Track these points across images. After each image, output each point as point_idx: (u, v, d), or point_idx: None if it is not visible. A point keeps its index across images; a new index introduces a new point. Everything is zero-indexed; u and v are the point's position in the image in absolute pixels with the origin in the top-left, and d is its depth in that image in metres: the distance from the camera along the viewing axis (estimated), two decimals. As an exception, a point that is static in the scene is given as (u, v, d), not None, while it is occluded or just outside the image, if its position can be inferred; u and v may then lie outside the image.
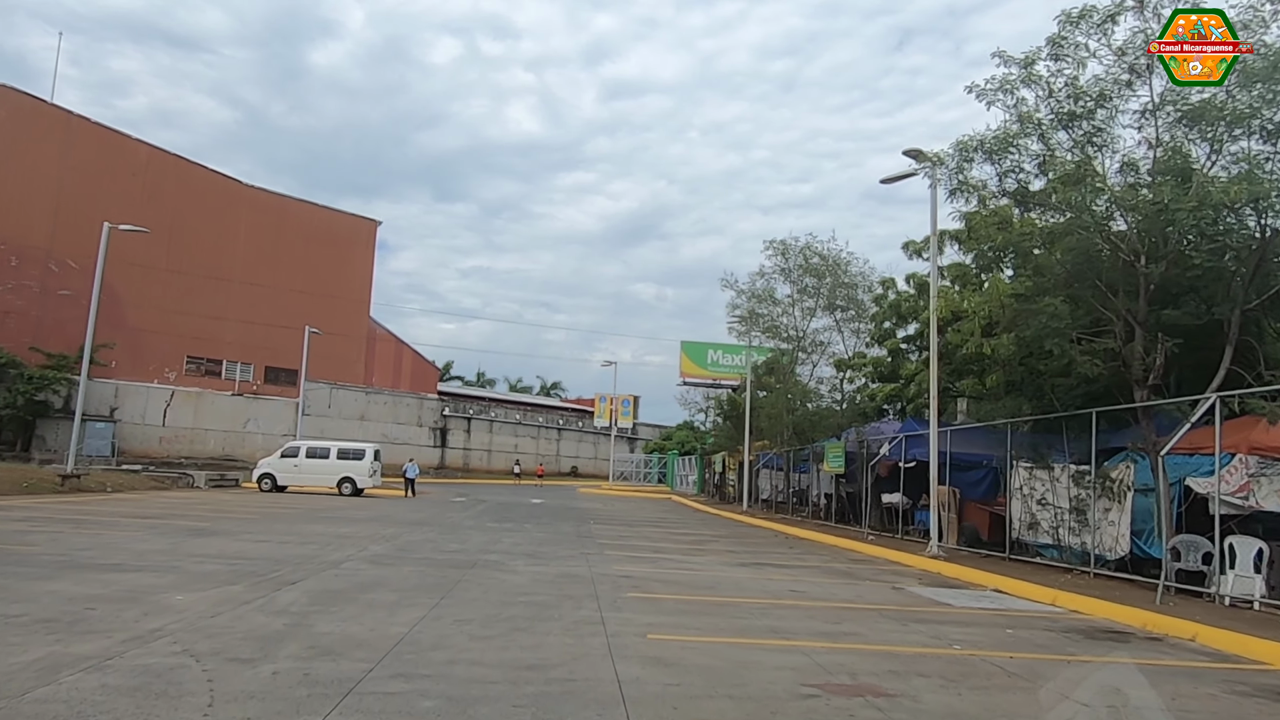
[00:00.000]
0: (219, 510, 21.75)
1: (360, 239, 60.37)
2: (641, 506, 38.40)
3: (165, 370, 51.81)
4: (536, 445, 70.20)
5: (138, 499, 24.40)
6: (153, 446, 50.92)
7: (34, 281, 47.66)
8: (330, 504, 27.31)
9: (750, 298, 34.10)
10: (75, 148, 48.53)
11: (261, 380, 55.54)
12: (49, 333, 47.13)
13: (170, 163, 52.44)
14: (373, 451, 33.40)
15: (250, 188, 55.84)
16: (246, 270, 54.21)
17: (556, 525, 22.88)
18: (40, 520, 16.43)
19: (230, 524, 17.63)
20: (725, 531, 24.47)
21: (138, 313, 50.35)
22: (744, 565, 15.14)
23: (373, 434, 58.83)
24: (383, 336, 62.64)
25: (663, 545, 18.42)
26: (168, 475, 32.29)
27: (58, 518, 17.10)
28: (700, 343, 49.01)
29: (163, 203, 51.29)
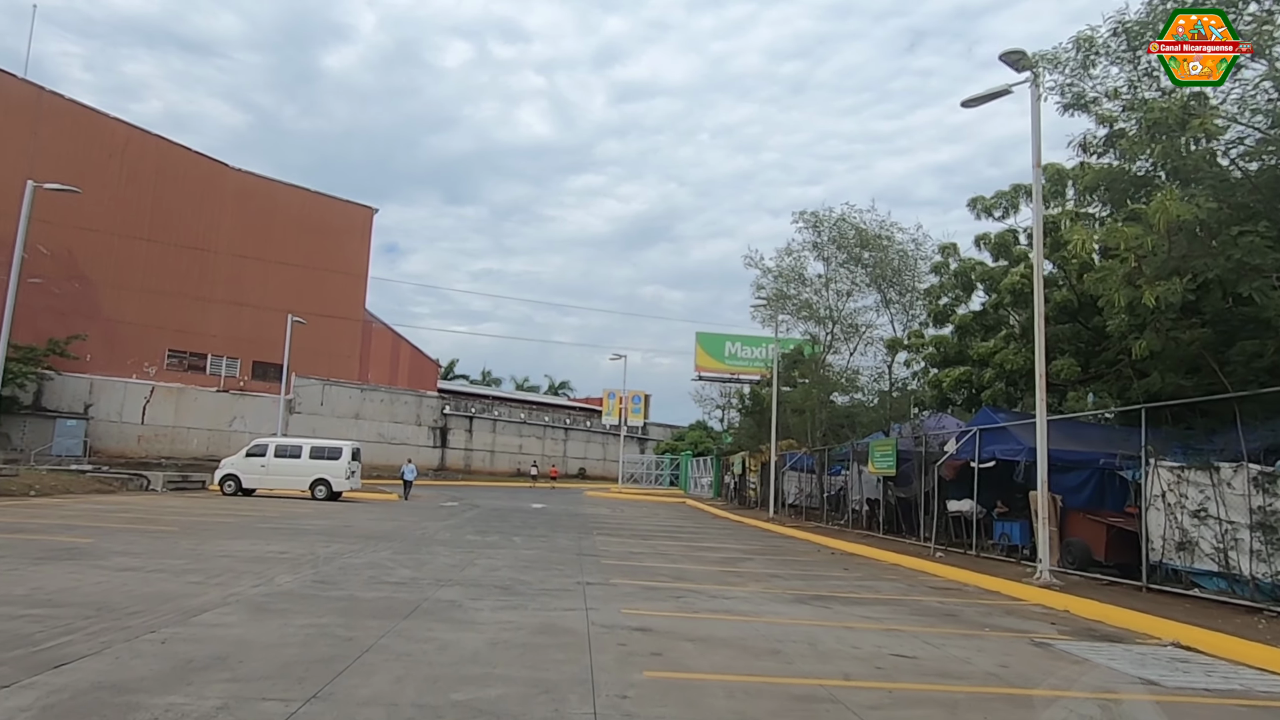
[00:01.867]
0: (141, 519, 17.57)
1: (355, 227, 56.34)
2: (654, 512, 34.11)
3: (144, 365, 47.84)
4: (542, 446, 65.97)
5: (55, 504, 20.27)
6: (130, 446, 46.92)
7: (1, 269, 43.70)
8: (290, 510, 23.10)
9: (777, 277, 29.91)
10: (46, 125, 44.63)
11: (249, 376, 51.55)
12: (18, 323, 42.95)
13: (150, 143, 48.52)
14: (350, 450, 29.19)
15: (237, 171, 51.85)
16: (232, 259, 50.26)
17: (552, 538, 18.62)
18: None
19: (125, 540, 13.44)
20: (757, 544, 20.16)
21: (114, 303, 46.44)
22: (801, 601, 10.83)
23: (368, 433, 54.74)
24: (379, 331, 58.58)
25: (685, 567, 14.13)
26: (119, 477, 28.20)
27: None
28: (717, 334, 44.78)
29: (142, 185, 47.43)
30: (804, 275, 29.15)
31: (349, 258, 55.48)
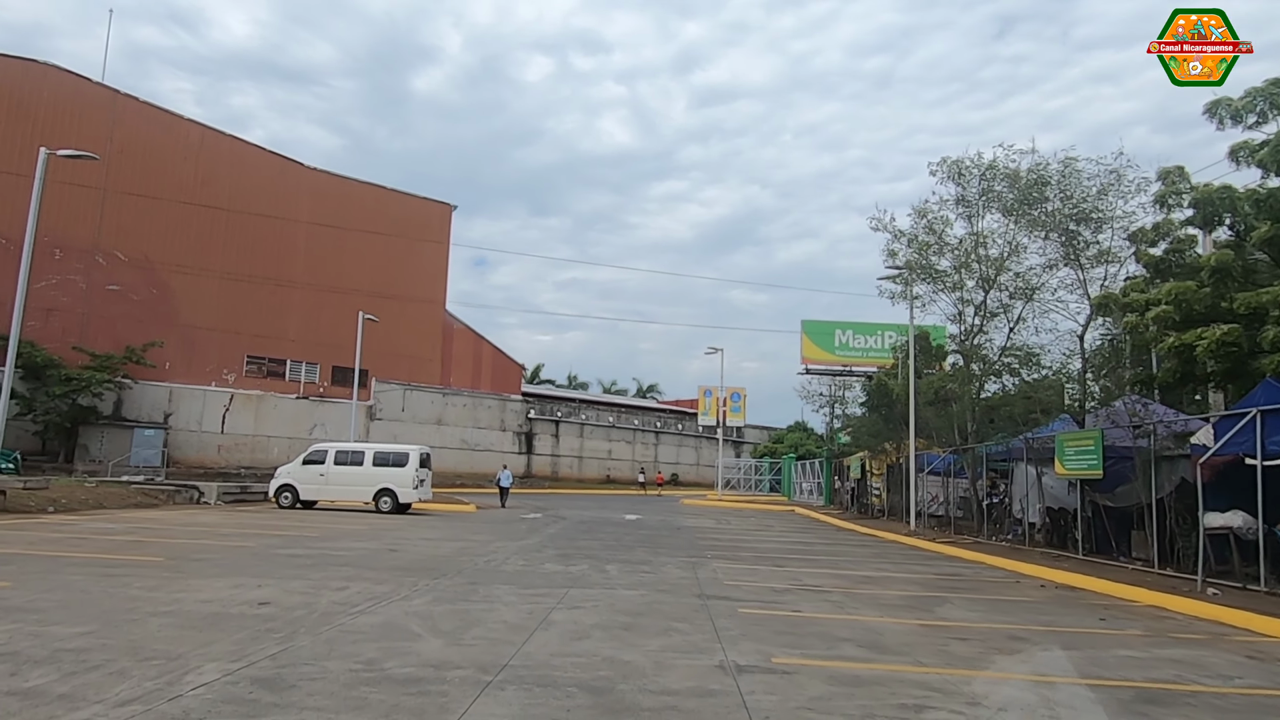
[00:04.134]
0: (127, 546, 13.66)
1: (433, 225, 53.11)
2: (765, 523, 29.03)
3: (223, 372, 45.46)
4: (632, 450, 61.48)
5: (56, 524, 16.67)
6: (210, 455, 44.57)
7: (79, 276, 41.92)
8: (339, 528, 19.06)
9: (910, 242, 24.51)
10: (122, 128, 42.73)
11: (329, 381, 48.71)
12: (96, 331, 41.32)
13: (225, 144, 46.26)
14: (419, 456, 25.14)
15: (311, 170, 49.23)
16: (309, 260, 47.56)
17: (658, 565, 13.88)
18: None
19: (45, 587, 9.34)
20: (927, 571, 14.95)
21: (192, 308, 44.19)
22: (1135, 712, 5.76)
23: (451, 439, 51.36)
24: (460, 332, 55.21)
25: (867, 619, 9.16)
26: (167, 489, 24.88)
27: None
28: (825, 322, 39.39)
29: (218, 187, 45.14)
30: (944, 237, 23.67)
31: (428, 256, 52.28)
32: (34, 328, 39.13)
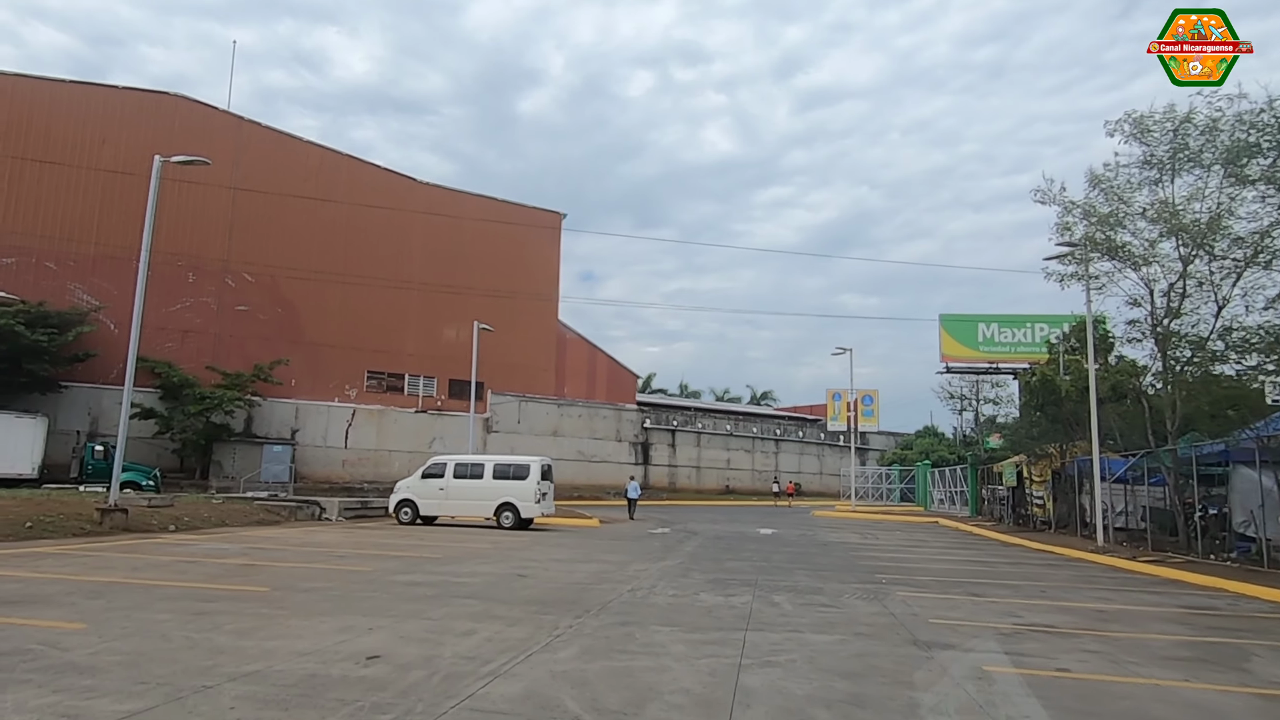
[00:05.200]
0: (232, 573, 12.28)
1: (544, 234, 52.21)
2: (917, 538, 25.95)
3: (346, 387, 45.62)
4: (751, 460, 58.71)
5: (172, 544, 15.67)
6: (335, 470, 44.72)
7: (211, 298, 42.87)
8: (461, 547, 17.45)
9: (1084, 216, 21.18)
10: (248, 154, 43.59)
11: (446, 395, 48.29)
12: (227, 350, 42.05)
13: (343, 163, 46.68)
14: (540, 468, 23.46)
15: (425, 185, 49.18)
16: (425, 275, 47.32)
17: (832, 594, 11.44)
18: None
19: (122, 627, 7.80)
20: (1173, 604, 11.91)
21: (315, 326, 44.56)
22: None
23: (567, 450, 50.05)
24: (574, 341, 54.02)
25: (1174, 684, 6.52)
26: (288, 505, 24.10)
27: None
28: (967, 316, 35.75)
29: (336, 206, 45.47)
30: (1130, 204, 20.26)
31: (540, 265, 51.38)
32: (171, 349, 40.18)
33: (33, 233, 37.91)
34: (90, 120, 39.69)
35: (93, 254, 39.08)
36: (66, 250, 38.73)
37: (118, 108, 40.50)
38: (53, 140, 38.76)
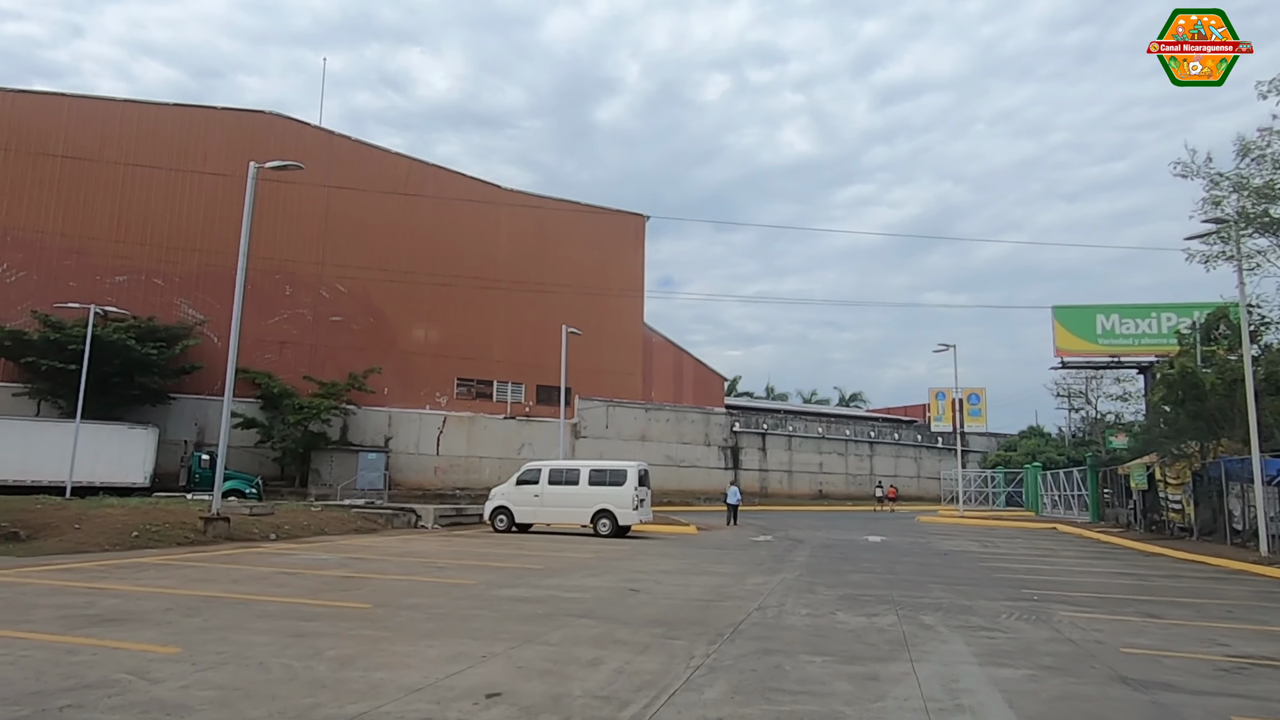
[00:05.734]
0: (332, 587, 11.68)
1: (628, 237, 51.51)
2: (1041, 545, 23.88)
3: (436, 395, 45.84)
4: (845, 463, 56.55)
5: (273, 554, 15.30)
6: (427, 477, 44.93)
7: (306, 309, 43.73)
8: (561, 556, 16.60)
9: (1235, 188, 18.97)
10: (338, 168, 44.32)
11: (534, 401, 48.05)
12: (323, 360, 42.74)
13: (429, 173, 47.04)
14: (637, 473, 22.51)
15: (509, 191, 49.16)
16: (510, 280, 47.19)
17: (985, 614, 10.04)
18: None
19: (218, 651, 7.11)
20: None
21: (406, 334, 44.98)
22: None
23: (655, 455, 49.07)
24: (660, 345, 53.13)
25: None
26: (384, 513, 23.84)
27: None
28: (1083, 307, 33.17)
29: (422, 216, 45.86)
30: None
31: (624, 269, 50.69)
32: (271, 360, 41.05)
33: (141, 251, 39.27)
34: (192, 141, 40.94)
35: (196, 269, 40.24)
36: (172, 266, 40.00)
37: (216, 128, 41.68)
38: (158, 161, 40.13)
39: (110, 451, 33.34)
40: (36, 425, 33.74)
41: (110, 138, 39.53)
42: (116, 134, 39.74)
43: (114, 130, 39.78)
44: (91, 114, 39.93)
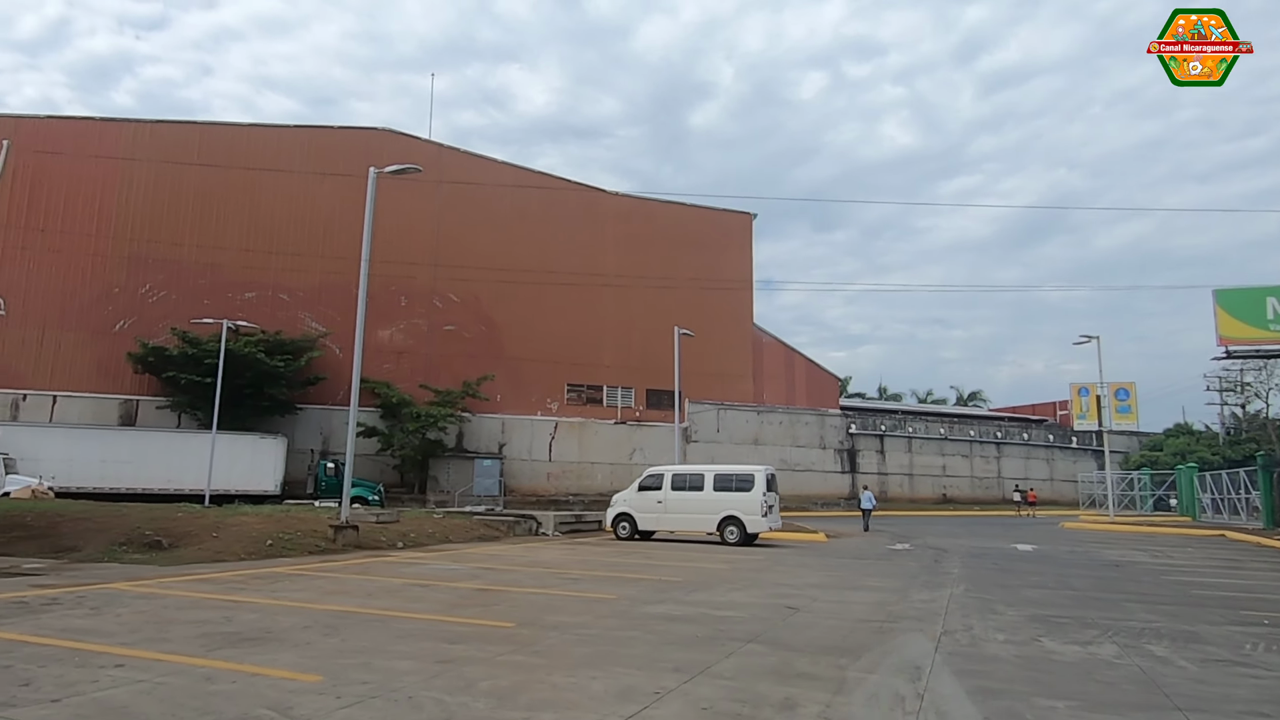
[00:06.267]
0: (468, 601, 11.00)
1: (734, 236, 50.28)
2: (1222, 556, 21.20)
3: (547, 401, 45.81)
4: (970, 465, 53.42)
5: (402, 563, 14.89)
6: (540, 483, 44.91)
7: (421, 319, 44.50)
8: (695, 567, 15.57)
9: None
10: (448, 179, 44.95)
11: (644, 405, 47.41)
12: (437, 368, 43.32)
13: (534, 180, 47.12)
14: (764, 477, 21.28)
15: (614, 195, 48.81)
16: (618, 285, 46.74)
17: (1232, 643, 8.34)
18: (82, 637, 6.69)
19: (361, 681, 6.38)
20: None
21: (516, 341, 45.12)
22: None
23: (769, 459, 47.40)
24: (770, 345, 51.58)
25: None
26: (506, 519, 23.43)
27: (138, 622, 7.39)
28: (1250, 289, 29.73)
29: (530, 223, 45.96)
30: None
31: (731, 268, 49.45)
32: (389, 369, 41.86)
33: (267, 268, 40.76)
34: (312, 161, 42.25)
35: (318, 284, 41.47)
36: (296, 282, 41.35)
37: (333, 146, 42.91)
38: (281, 182, 41.61)
39: (244, 460, 34.57)
40: (179, 436, 35.35)
41: (237, 161, 41.22)
42: (243, 158, 41.42)
43: (241, 154, 41.47)
44: (220, 140, 41.79)
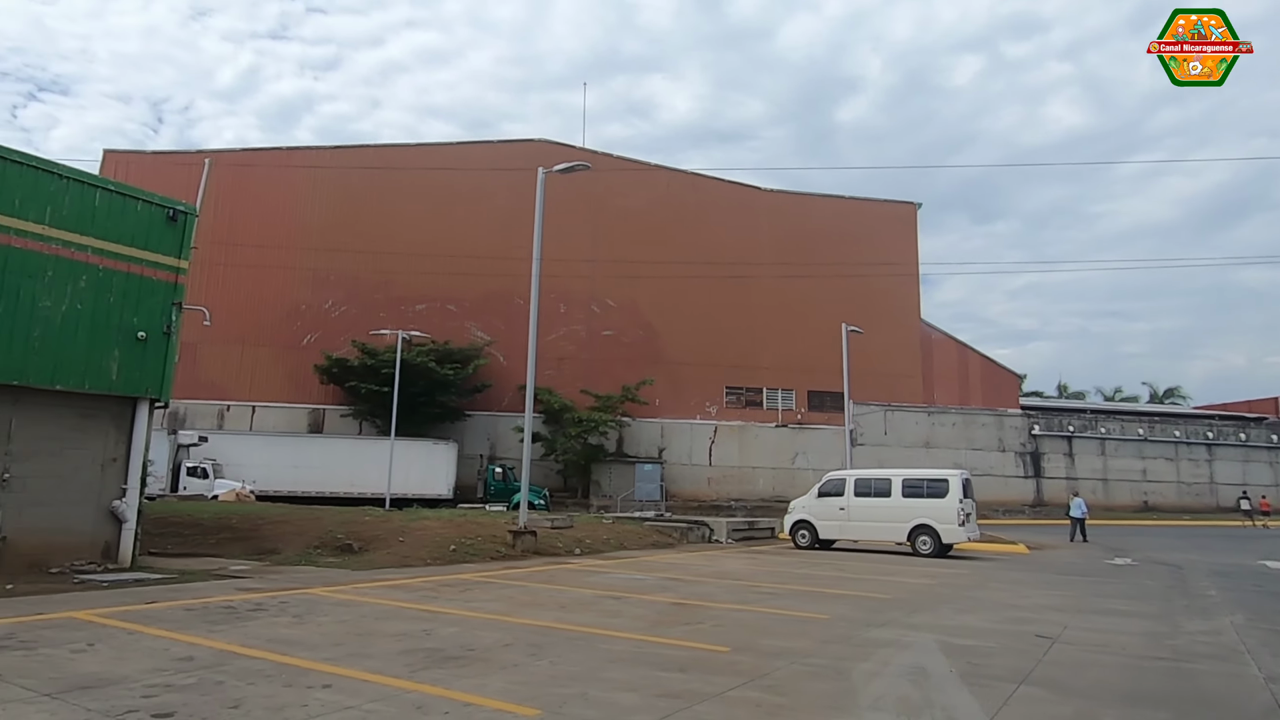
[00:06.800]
0: (669, 619, 10.11)
1: (898, 227, 47.48)
2: None
3: (706, 404, 44.91)
4: (1176, 469, 47.72)
5: (583, 571, 14.28)
6: (701, 489, 44.03)
7: (580, 325, 44.86)
8: (905, 582, 14.02)
9: None
10: (601, 183, 45.07)
11: (805, 408, 45.55)
12: (597, 374, 43.45)
13: (688, 182, 46.57)
14: (960, 482, 19.29)
15: (768, 192, 47.31)
16: (775, 284, 45.19)
17: None
18: (284, 648, 6.42)
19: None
20: None
21: (674, 344, 44.55)
22: None
23: (942, 463, 44.27)
24: (940, 342, 48.30)
25: None
26: (678, 525, 22.62)
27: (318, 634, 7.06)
28: None
29: (684, 225, 45.34)
30: None
31: (896, 261, 46.67)
32: (550, 375, 42.32)
33: (436, 280, 42.31)
34: (474, 175, 43.57)
35: (482, 295, 42.67)
36: (462, 293, 42.72)
37: (495, 160, 44.05)
38: (446, 196, 43.14)
39: (419, 466, 35.84)
40: (361, 442, 37.17)
41: (406, 181, 43.13)
42: (411, 176, 43.30)
43: (409, 174, 43.38)
44: (390, 161, 43.91)
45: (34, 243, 11.19)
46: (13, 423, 11.29)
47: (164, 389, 12.71)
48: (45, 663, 6.09)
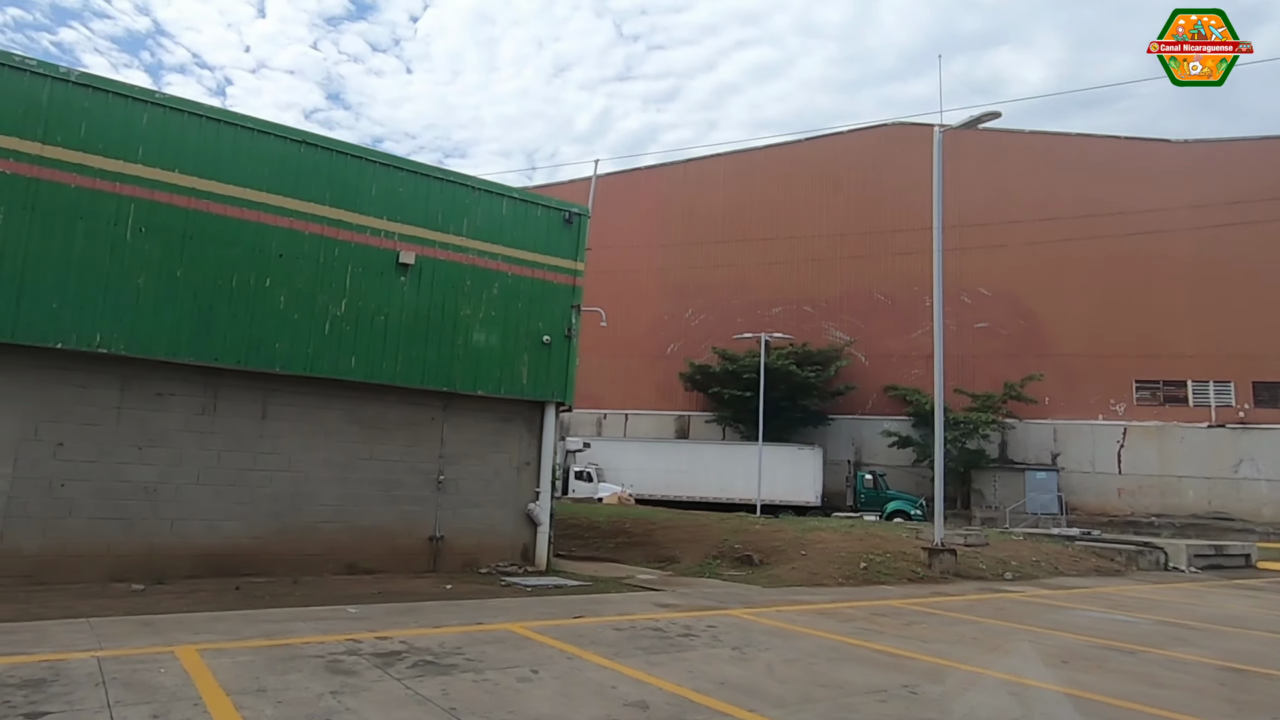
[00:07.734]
0: (1237, 676, 7.07)
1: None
2: None
3: (1109, 402, 37.87)
4: None
5: (1048, 601, 11.37)
6: (1109, 501, 37.11)
7: (950, 318, 40.37)
8: None
9: None
10: (963, 161, 40.47)
11: (1249, 403, 36.25)
12: (971, 371, 38.84)
13: (1069, 145, 39.98)
14: None
15: (1183, 144, 38.86)
16: (1198, 255, 36.69)
17: None
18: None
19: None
20: None
21: (1063, 336, 38.34)
22: None
23: None
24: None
25: None
26: (1118, 547, 18.23)
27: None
28: None
29: (1065, 198, 38.84)
30: None
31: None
32: (917, 375, 38.74)
33: (791, 281, 41.17)
34: (822, 169, 41.75)
35: (838, 293, 40.57)
36: (818, 293, 41.00)
37: (843, 151, 41.81)
38: (793, 194, 41.82)
39: (784, 471, 34.67)
40: (727, 448, 37.10)
41: (756, 183, 42.64)
42: (760, 178, 42.71)
43: (758, 176, 42.85)
44: (739, 166, 43.81)
45: (455, 254, 11.55)
46: (444, 427, 11.75)
47: (568, 392, 12.59)
48: (493, 695, 5.31)
